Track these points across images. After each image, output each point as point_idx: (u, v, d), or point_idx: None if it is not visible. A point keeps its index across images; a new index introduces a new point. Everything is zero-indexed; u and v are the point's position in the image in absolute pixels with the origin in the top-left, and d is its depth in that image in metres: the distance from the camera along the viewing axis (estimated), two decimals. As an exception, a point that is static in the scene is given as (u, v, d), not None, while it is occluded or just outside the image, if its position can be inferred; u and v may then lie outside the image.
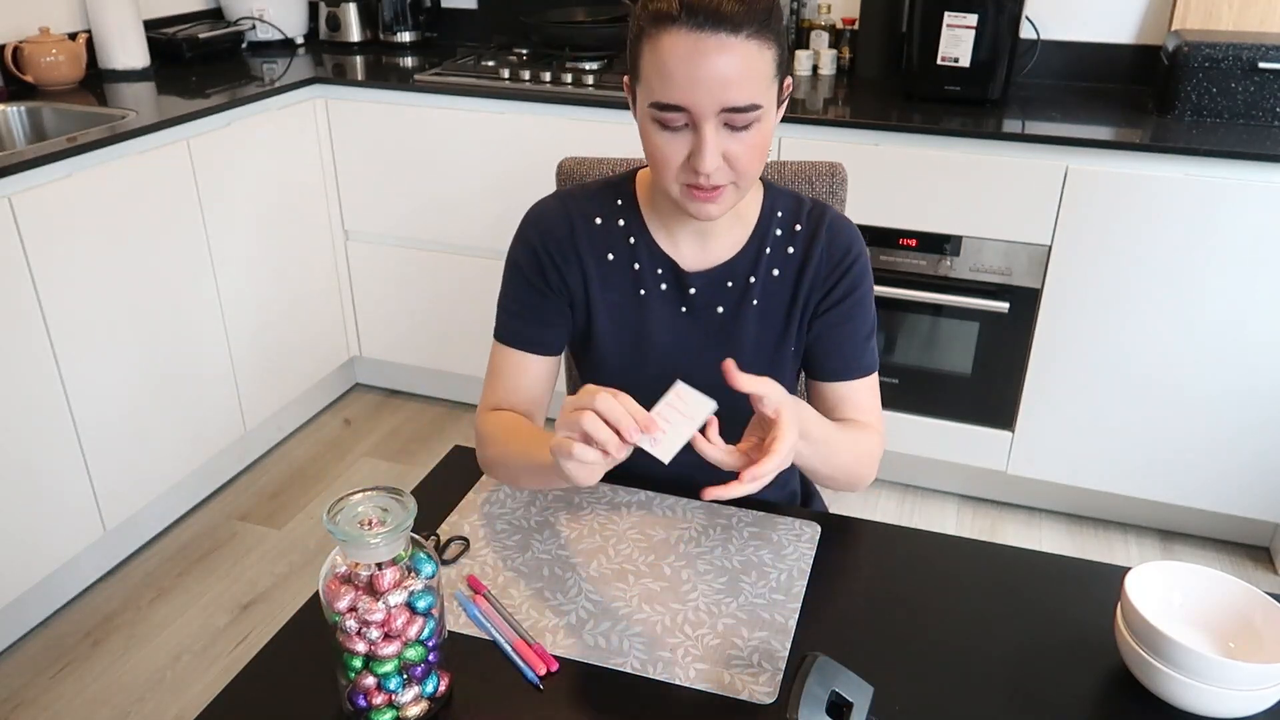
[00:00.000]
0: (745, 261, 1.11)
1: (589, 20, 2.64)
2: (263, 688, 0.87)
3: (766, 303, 1.12)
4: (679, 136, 0.96)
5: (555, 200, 1.15)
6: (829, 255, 1.10)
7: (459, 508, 1.11)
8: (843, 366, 1.12)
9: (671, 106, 0.93)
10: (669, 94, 0.93)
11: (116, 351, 2.01)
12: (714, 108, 0.92)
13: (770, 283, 1.11)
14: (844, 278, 1.10)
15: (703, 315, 1.12)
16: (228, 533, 2.32)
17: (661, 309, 1.12)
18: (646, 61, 0.95)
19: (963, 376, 2.25)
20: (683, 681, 0.87)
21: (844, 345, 1.12)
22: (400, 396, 2.91)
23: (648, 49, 0.94)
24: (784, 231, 1.11)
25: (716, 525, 1.08)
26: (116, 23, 2.45)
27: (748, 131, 0.95)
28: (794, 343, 1.13)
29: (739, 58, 0.91)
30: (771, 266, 1.11)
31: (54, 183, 1.84)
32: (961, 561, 1.05)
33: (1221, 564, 2.23)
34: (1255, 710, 0.81)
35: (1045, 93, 2.35)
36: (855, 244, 1.11)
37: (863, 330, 1.12)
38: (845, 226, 1.12)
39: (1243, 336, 2.00)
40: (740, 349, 1.12)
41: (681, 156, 0.96)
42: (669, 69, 0.92)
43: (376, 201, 2.58)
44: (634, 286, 1.12)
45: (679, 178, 0.98)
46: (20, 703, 1.84)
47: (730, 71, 0.91)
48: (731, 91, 0.92)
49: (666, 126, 0.95)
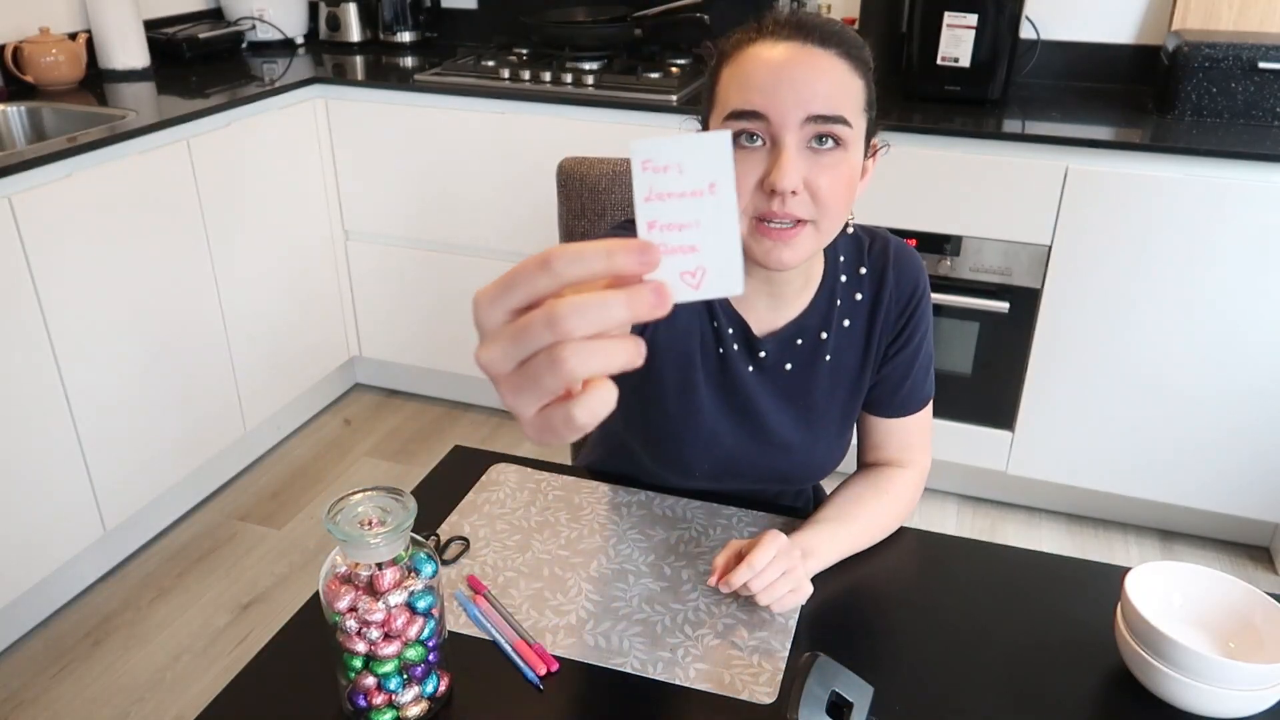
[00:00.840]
0: (816, 316, 1.04)
1: (589, 20, 2.64)
2: (263, 688, 0.87)
3: (839, 357, 1.06)
4: (754, 155, 0.86)
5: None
6: (897, 296, 1.05)
7: (459, 508, 1.11)
8: (903, 403, 1.09)
9: (749, 113, 0.85)
10: (748, 99, 0.84)
11: (116, 351, 2.01)
12: (798, 115, 0.84)
13: (842, 335, 1.05)
14: (913, 317, 1.06)
15: (771, 374, 1.06)
16: (228, 533, 2.32)
17: (737, 365, 1.05)
18: (725, 82, 0.87)
19: (963, 376, 2.25)
20: (683, 681, 0.87)
21: (902, 383, 1.08)
22: (400, 396, 2.91)
23: (727, 71, 0.88)
24: (849, 277, 1.05)
25: (716, 525, 1.08)
26: (116, 23, 2.45)
27: (832, 156, 0.86)
28: (865, 388, 1.09)
29: (827, 69, 0.85)
30: (843, 318, 1.05)
31: (54, 183, 1.84)
32: (961, 561, 1.04)
33: (1221, 564, 2.23)
34: (1255, 710, 0.81)
35: (1045, 93, 2.35)
36: (920, 277, 1.06)
37: (925, 364, 1.09)
38: (909, 260, 1.06)
39: (1243, 336, 2.00)
40: (810, 407, 1.07)
41: (755, 178, 0.86)
42: (750, 75, 0.85)
43: (376, 201, 2.58)
44: (708, 342, 1.04)
45: (751, 207, 0.87)
46: (20, 703, 1.84)
47: (817, 79, 0.84)
48: (819, 100, 0.83)
49: (741, 142, 0.86)
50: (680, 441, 1.06)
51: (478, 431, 2.74)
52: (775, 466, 1.09)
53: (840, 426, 1.10)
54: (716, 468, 1.08)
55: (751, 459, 1.08)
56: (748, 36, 0.88)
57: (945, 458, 2.34)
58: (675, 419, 1.05)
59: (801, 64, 0.85)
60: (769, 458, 1.08)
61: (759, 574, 0.90)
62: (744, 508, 1.11)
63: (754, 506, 1.12)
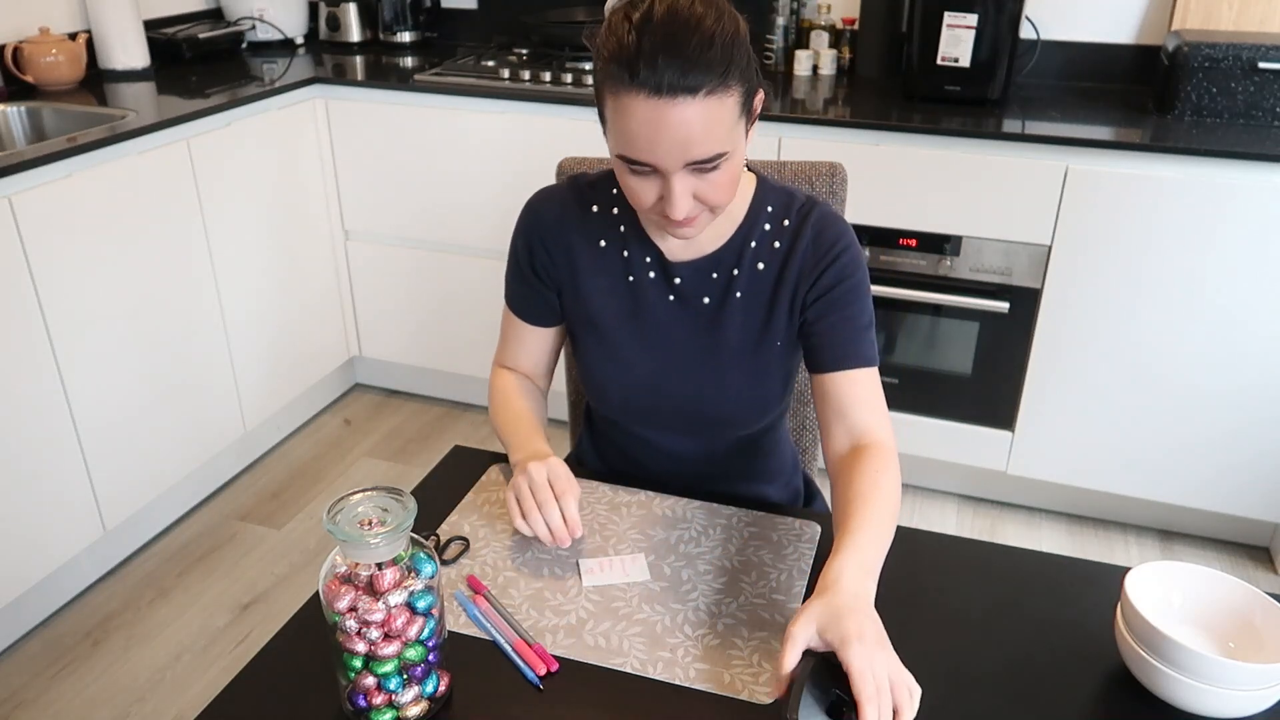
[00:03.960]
0: (730, 254, 1.12)
1: (589, 20, 2.64)
2: (263, 688, 0.87)
3: (750, 295, 1.12)
4: (649, 179, 0.97)
5: (558, 187, 1.19)
6: (815, 248, 1.10)
7: (459, 508, 1.11)
8: (840, 355, 1.10)
9: (638, 162, 0.95)
10: (634, 152, 0.94)
11: (116, 351, 2.01)
12: (678, 163, 0.94)
13: (755, 275, 1.12)
14: (831, 267, 1.09)
15: (690, 304, 1.14)
16: (228, 533, 2.32)
17: (651, 295, 1.14)
18: (609, 111, 0.95)
19: (963, 376, 2.25)
20: (683, 681, 0.87)
21: (838, 332, 1.10)
22: (400, 396, 2.91)
23: (609, 99, 0.94)
24: (772, 226, 1.12)
25: (716, 525, 1.09)
26: (116, 23, 2.45)
27: (716, 171, 0.96)
28: (780, 336, 1.13)
29: (698, 116, 0.91)
30: (756, 260, 1.12)
31: (54, 183, 1.84)
32: (961, 561, 1.05)
33: (1221, 564, 2.23)
34: (1255, 710, 0.81)
35: (1045, 93, 2.35)
36: (843, 237, 1.11)
37: (859, 320, 1.10)
38: (834, 221, 1.12)
39: (1243, 336, 2.00)
40: (725, 340, 1.13)
41: (653, 197, 0.98)
42: (631, 131, 0.93)
43: (376, 201, 2.58)
44: (624, 273, 1.14)
45: (653, 212, 1.00)
46: (20, 703, 1.84)
47: (691, 131, 0.91)
48: (695, 148, 0.93)
49: (637, 173, 0.97)
50: (598, 369, 1.17)
51: (478, 431, 2.74)
52: (688, 401, 1.15)
53: (752, 369, 1.13)
54: (632, 397, 1.17)
55: (665, 390, 1.15)
56: (621, 75, 0.91)
57: (945, 458, 2.34)
58: (593, 349, 1.17)
59: (670, 124, 0.91)
60: (680, 389, 1.15)
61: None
62: (744, 508, 1.11)
63: (754, 506, 1.12)
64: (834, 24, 2.51)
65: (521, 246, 1.18)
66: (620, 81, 0.92)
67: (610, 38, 0.94)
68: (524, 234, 1.18)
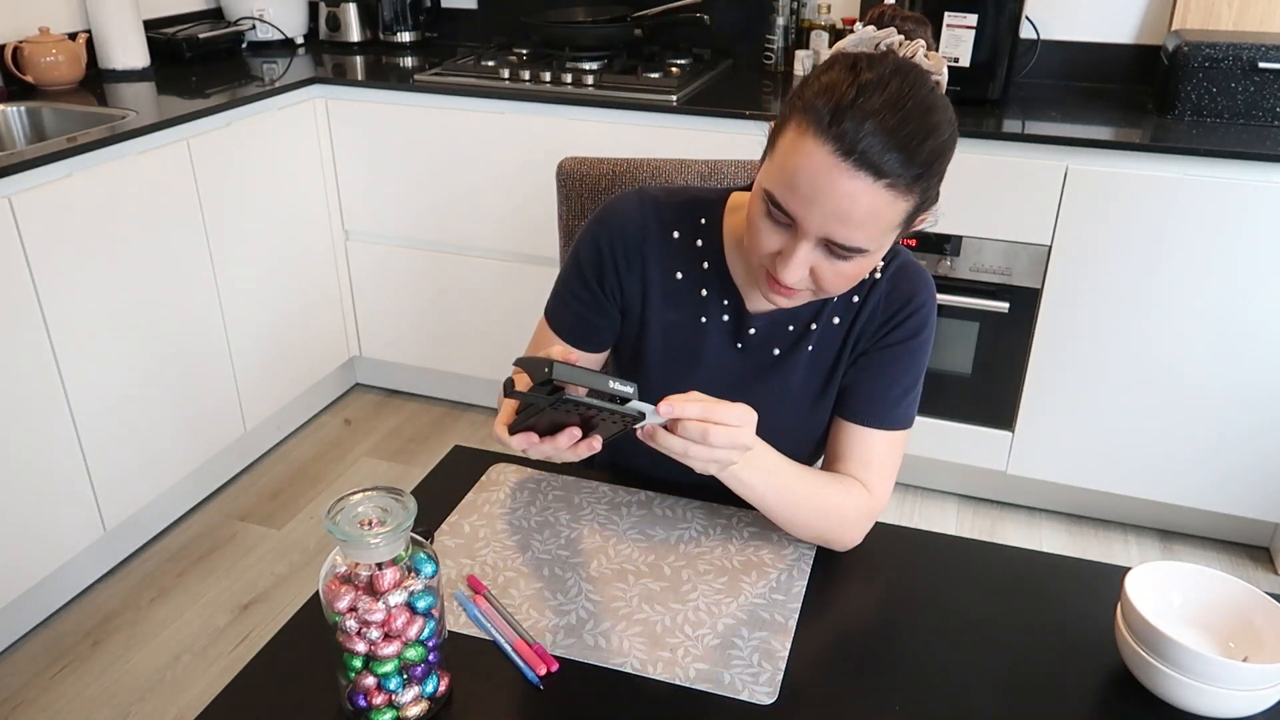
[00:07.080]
0: (808, 308, 1.07)
1: (589, 20, 2.64)
2: (263, 688, 0.87)
3: (820, 349, 1.08)
4: (779, 230, 0.91)
5: (636, 201, 1.09)
6: (888, 303, 1.06)
7: (459, 508, 1.11)
8: (863, 409, 1.06)
9: (781, 208, 0.89)
10: (784, 198, 0.88)
11: (116, 351, 2.01)
12: (818, 232, 0.88)
13: (829, 329, 1.08)
14: (899, 325, 1.05)
15: (756, 355, 1.09)
16: (228, 533, 2.32)
17: (718, 341, 1.09)
18: (782, 148, 0.89)
19: (963, 376, 2.25)
20: (683, 681, 0.87)
21: (874, 387, 1.06)
22: (400, 396, 2.91)
23: (790, 136, 0.88)
24: None
25: (716, 525, 1.08)
26: (116, 23, 2.45)
27: (846, 262, 0.91)
28: (836, 389, 1.09)
29: (866, 200, 0.85)
30: (833, 315, 1.07)
31: (54, 183, 1.84)
32: (961, 561, 1.04)
33: (1221, 564, 2.23)
34: (1255, 710, 0.81)
35: (1045, 93, 2.35)
36: (920, 293, 1.06)
37: (902, 380, 1.06)
38: (913, 275, 1.06)
39: (1243, 336, 2.00)
40: (785, 390, 1.09)
41: (773, 248, 0.92)
42: (795, 178, 0.87)
43: (376, 201, 2.58)
44: (697, 312, 1.09)
45: (764, 262, 0.94)
46: (20, 703, 1.84)
47: (852, 211, 0.85)
48: (843, 229, 0.87)
49: (771, 216, 0.91)
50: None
51: (478, 432, 2.74)
52: None
53: (807, 418, 1.10)
54: None
55: None
56: (822, 116, 0.85)
57: (945, 458, 2.34)
58: (637, 381, 1.10)
59: (837, 190, 0.85)
60: None
61: (712, 421, 0.84)
62: (744, 507, 1.11)
63: (752, 506, 1.12)
64: (834, 24, 2.51)
65: (590, 258, 1.08)
66: (816, 121, 0.85)
67: (827, 74, 0.87)
68: (596, 243, 1.08)
